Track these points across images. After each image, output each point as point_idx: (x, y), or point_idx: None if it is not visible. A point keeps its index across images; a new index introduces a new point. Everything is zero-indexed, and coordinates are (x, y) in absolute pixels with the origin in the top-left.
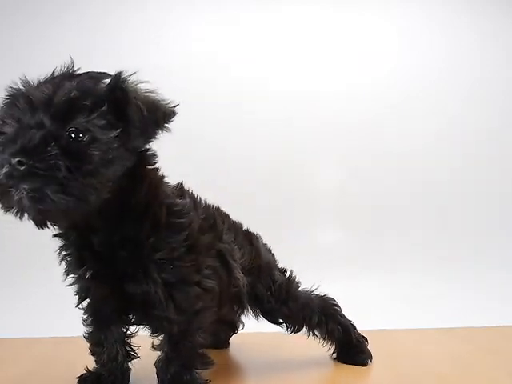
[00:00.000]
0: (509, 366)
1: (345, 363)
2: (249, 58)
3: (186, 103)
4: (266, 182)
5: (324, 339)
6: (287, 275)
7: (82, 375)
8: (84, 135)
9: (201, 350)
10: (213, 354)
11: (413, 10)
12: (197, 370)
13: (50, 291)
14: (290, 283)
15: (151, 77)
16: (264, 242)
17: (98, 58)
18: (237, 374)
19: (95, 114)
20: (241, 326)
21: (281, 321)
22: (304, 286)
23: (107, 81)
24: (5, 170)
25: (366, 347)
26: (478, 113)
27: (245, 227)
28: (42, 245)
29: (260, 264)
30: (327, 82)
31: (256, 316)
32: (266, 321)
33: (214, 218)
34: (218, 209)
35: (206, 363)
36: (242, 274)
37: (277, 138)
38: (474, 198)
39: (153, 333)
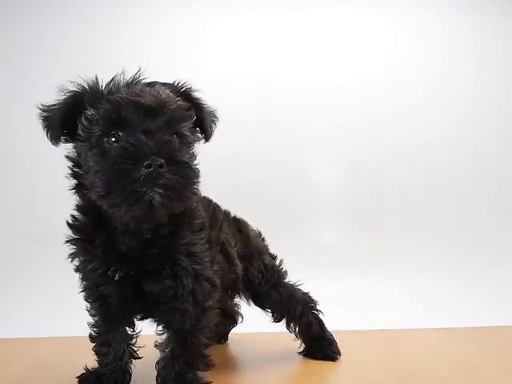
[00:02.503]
0: (509, 366)
1: (314, 358)
2: (251, 58)
3: None
4: (266, 181)
5: (300, 332)
6: (277, 262)
7: (82, 375)
8: (182, 140)
9: (204, 351)
10: (212, 352)
11: (412, 9)
12: (199, 371)
13: (50, 292)
14: (280, 270)
15: (154, 77)
16: (253, 227)
17: (97, 57)
18: (236, 373)
19: (191, 121)
20: (240, 320)
21: (267, 306)
22: (304, 285)
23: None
24: (142, 172)
25: (336, 343)
26: (479, 107)
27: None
28: (43, 247)
29: (251, 250)
30: (327, 82)
31: (247, 300)
32: (256, 309)
33: (213, 209)
34: (210, 200)
35: (208, 364)
36: (238, 261)
37: (277, 138)
38: (475, 198)
39: (162, 325)
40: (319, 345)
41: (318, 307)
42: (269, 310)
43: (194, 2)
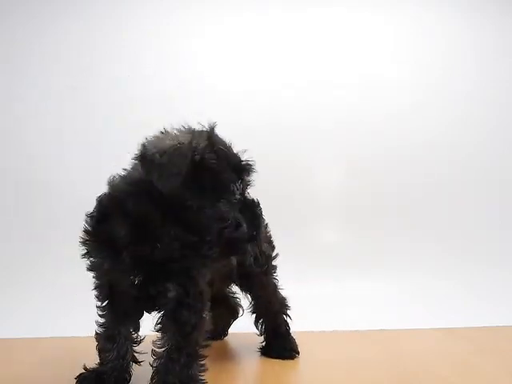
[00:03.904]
0: (509, 366)
1: (271, 356)
2: (250, 58)
3: (186, 100)
4: (266, 181)
5: (267, 329)
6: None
7: (80, 374)
8: None
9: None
10: (211, 351)
11: (412, 9)
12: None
13: (50, 292)
14: (273, 265)
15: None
16: None
17: (97, 57)
18: (235, 372)
19: None
20: (241, 312)
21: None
22: (304, 285)
23: None
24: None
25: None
26: (479, 107)
27: None
28: (43, 247)
29: None
30: (327, 81)
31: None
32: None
33: None
34: None
35: (203, 365)
36: None
37: (277, 138)
38: (475, 198)
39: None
40: (276, 343)
41: (289, 313)
42: (249, 296)
43: (194, 2)
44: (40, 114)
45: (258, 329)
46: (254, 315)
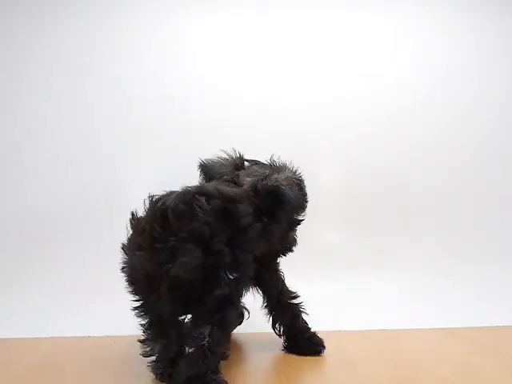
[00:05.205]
0: (509, 366)
1: (301, 353)
2: (250, 58)
3: (186, 100)
4: None
5: (285, 326)
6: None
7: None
8: None
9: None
10: None
11: (412, 9)
12: None
13: (50, 292)
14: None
15: (153, 77)
16: None
17: (97, 57)
18: (235, 372)
19: None
20: (247, 315)
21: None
22: (304, 285)
23: None
24: None
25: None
26: (479, 108)
27: None
28: (43, 247)
29: None
30: (326, 81)
31: None
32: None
33: None
34: None
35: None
36: None
37: (276, 137)
38: (475, 198)
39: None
40: (306, 340)
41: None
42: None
43: (193, 2)
44: (40, 114)
45: (276, 330)
46: (271, 318)
